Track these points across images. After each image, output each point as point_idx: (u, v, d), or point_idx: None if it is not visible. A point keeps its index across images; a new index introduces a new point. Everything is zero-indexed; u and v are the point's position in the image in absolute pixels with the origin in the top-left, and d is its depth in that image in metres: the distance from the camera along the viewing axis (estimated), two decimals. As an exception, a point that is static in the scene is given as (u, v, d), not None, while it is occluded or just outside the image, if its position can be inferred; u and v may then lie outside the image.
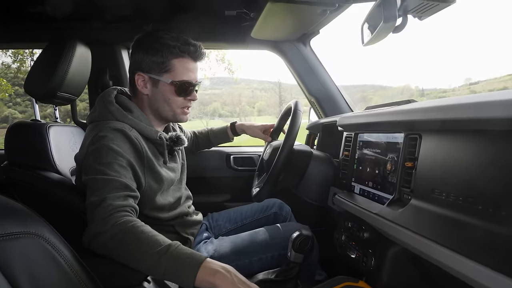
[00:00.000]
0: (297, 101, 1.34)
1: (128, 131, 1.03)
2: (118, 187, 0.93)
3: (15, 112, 24.01)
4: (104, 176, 0.93)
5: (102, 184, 0.92)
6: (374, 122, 0.98)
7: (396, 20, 0.92)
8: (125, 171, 0.98)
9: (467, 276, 0.56)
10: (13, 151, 1.21)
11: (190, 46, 1.12)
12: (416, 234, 0.70)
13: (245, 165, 1.91)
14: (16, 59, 9.53)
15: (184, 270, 0.79)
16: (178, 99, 1.14)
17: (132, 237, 0.84)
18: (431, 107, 0.73)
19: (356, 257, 1.01)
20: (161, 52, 1.10)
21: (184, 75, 1.13)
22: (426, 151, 0.74)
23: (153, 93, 1.14)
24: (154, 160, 1.10)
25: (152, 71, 1.11)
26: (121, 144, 1.00)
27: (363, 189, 1.03)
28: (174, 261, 0.80)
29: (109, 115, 1.07)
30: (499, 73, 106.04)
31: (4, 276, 0.51)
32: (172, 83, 1.12)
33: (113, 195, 0.91)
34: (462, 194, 0.61)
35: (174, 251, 0.81)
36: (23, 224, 0.57)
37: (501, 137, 0.55)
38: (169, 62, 1.11)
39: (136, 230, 0.85)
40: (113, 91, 1.15)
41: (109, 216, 0.88)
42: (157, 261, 0.80)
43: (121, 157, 0.98)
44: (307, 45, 1.77)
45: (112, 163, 0.96)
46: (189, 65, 1.14)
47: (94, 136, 1.00)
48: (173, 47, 1.10)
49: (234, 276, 0.79)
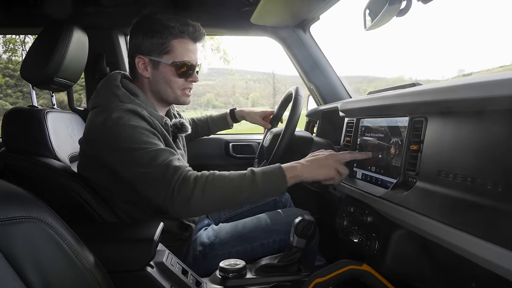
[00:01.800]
0: (298, 87, 1.34)
1: (140, 111, 1.02)
2: (162, 154, 0.94)
3: (6, 103, 23.69)
4: (142, 151, 0.93)
5: (147, 159, 0.92)
6: (378, 106, 0.97)
7: (401, 2, 0.91)
8: (159, 141, 0.99)
9: (477, 255, 0.56)
10: (10, 138, 1.19)
11: (190, 27, 1.11)
12: (423, 216, 0.70)
13: (244, 152, 1.91)
14: (8, 48, 9.36)
15: (276, 180, 0.93)
16: (179, 80, 1.14)
17: (220, 181, 0.91)
18: (438, 88, 0.72)
19: (359, 242, 1.01)
20: (160, 33, 1.09)
21: (184, 55, 1.12)
22: (432, 133, 0.74)
23: (154, 76, 1.13)
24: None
25: (152, 53, 1.11)
26: (137, 121, 0.99)
27: (365, 174, 1.03)
28: (265, 178, 0.92)
29: (116, 99, 1.05)
30: (491, 65, 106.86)
31: (8, 260, 0.50)
32: (173, 63, 1.11)
33: (172, 158, 0.93)
34: (470, 175, 0.61)
35: (259, 172, 0.93)
36: (25, 209, 0.57)
37: (509, 116, 0.55)
38: (169, 43, 1.10)
39: (215, 174, 0.92)
40: (118, 75, 1.14)
41: (184, 176, 0.90)
42: (254, 185, 0.91)
43: (147, 131, 0.98)
44: (307, 31, 1.75)
45: (142, 136, 0.96)
46: (189, 46, 1.14)
47: (106, 118, 0.98)
48: (172, 28, 1.09)
49: (303, 161, 0.99)
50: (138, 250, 0.85)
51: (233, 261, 1.05)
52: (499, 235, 0.53)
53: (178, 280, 0.90)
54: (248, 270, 1.07)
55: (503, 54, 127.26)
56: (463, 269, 0.71)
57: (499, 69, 13.72)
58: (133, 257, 0.85)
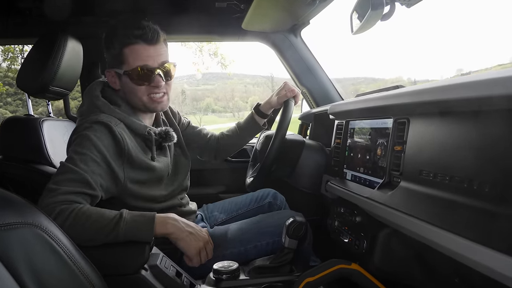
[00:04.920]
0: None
1: (113, 125, 1.03)
2: (78, 181, 0.94)
3: (6, 111, 23.70)
4: (71, 165, 0.95)
5: (65, 173, 0.94)
6: (364, 108, 1.00)
7: (383, 7, 0.94)
8: (95, 166, 0.98)
9: (455, 252, 0.58)
10: (7, 146, 1.22)
11: (139, 30, 1.06)
12: (406, 215, 0.71)
13: (239, 156, 1.92)
14: (7, 57, 9.37)
15: (142, 228, 0.92)
16: (140, 88, 1.10)
17: (83, 217, 0.89)
18: (418, 90, 0.75)
19: (348, 241, 1.03)
20: (112, 43, 1.08)
21: (137, 61, 1.07)
22: (414, 134, 0.76)
23: (122, 87, 1.14)
24: (139, 155, 1.09)
25: (112, 65, 1.11)
26: (102, 137, 1.00)
27: (354, 175, 1.05)
28: (131, 223, 0.91)
29: (96, 110, 1.07)
30: (489, 63, 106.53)
31: (4, 266, 0.52)
32: (126, 72, 1.09)
33: (67, 189, 0.92)
34: (448, 173, 0.63)
35: (128, 215, 0.92)
36: (20, 215, 0.58)
37: (487, 117, 0.57)
38: (121, 52, 1.07)
39: (85, 210, 0.90)
40: (99, 84, 1.15)
41: (55, 207, 0.88)
42: (115, 228, 0.89)
43: (97, 151, 0.98)
44: (298, 36, 1.78)
45: (85, 154, 0.97)
46: (143, 51, 1.07)
47: (79, 127, 1.02)
48: (122, 36, 1.06)
49: (181, 222, 1.00)
50: (132, 254, 0.87)
51: (226, 263, 1.06)
52: (475, 232, 0.55)
53: (172, 282, 0.91)
54: (241, 271, 1.09)
55: (502, 52, 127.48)
56: (447, 265, 0.73)
57: (497, 67, 13.60)
58: (127, 261, 0.86)
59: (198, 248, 0.99)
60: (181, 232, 0.98)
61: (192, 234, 1.00)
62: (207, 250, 1.02)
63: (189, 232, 0.99)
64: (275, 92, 1.40)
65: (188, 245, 0.98)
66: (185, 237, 0.98)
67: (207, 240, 1.03)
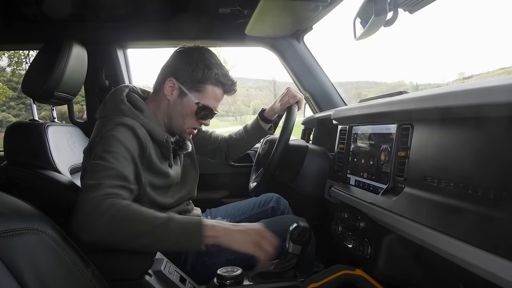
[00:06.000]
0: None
1: (137, 128, 1.05)
2: (116, 176, 0.94)
3: (9, 116, 23.82)
4: (105, 162, 0.94)
5: (102, 170, 0.93)
6: (367, 114, 1.00)
7: (387, 13, 0.94)
8: (127, 162, 0.99)
9: (459, 258, 0.58)
10: (12, 151, 1.22)
11: (228, 80, 1.18)
12: (410, 221, 0.71)
13: (243, 161, 1.92)
14: (12, 62, 9.47)
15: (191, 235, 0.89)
16: (193, 119, 1.18)
17: (131, 214, 0.86)
18: (422, 96, 0.75)
19: (353, 247, 1.03)
20: (202, 71, 1.13)
21: (211, 101, 1.17)
22: (418, 140, 0.76)
23: (175, 102, 1.16)
24: (156, 160, 1.11)
25: (185, 83, 1.14)
26: (128, 137, 1.02)
27: (358, 180, 1.05)
28: (181, 229, 0.88)
29: (120, 113, 1.08)
30: (492, 67, 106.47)
31: (10, 271, 0.52)
32: (197, 104, 1.15)
33: (109, 182, 0.91)
34: (453, 180, 0.63)
35: (176, 220, 0.89)
36: (26, 221, 0.59)
37: (489, 123, 0.57)
38: (204, 84, 1.15)
39: (134, 207, 0.88)
40: (125, 89, 1.17)
41: (102, 200, 0.86)
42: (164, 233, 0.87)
43: (125, 150, 0.99)
44: (301, 41, 1.79)
45: (116, 152, 0.97)
46: (219, 95, 1.19)
47: (103, 128, 1.02)
48: (215, 74, 1.14)
49: (226, 224, 0.95)
50: (136, 259, 0.88)
51: (230, 268, 1.06)
52: (481, 238, 0.55)
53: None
54: (245, 277, 1.09)
55: (504, 55, 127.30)
56: (451, 271, 0.73)
57: (499, 71, 13.37)
58: (131, 266, 0.87)
59: (252, 242, 0.93)
60: (229, 233, 0.93)
61: (241, 232, 0.94)
62: (267, 240, 0.95)
63: (238, 230, 0.94)
64: (278, 98, 1.43)
65: (242, 244, 0.93)
66: (235, 236, 0.93)
67: (259, 230, 0.96)
